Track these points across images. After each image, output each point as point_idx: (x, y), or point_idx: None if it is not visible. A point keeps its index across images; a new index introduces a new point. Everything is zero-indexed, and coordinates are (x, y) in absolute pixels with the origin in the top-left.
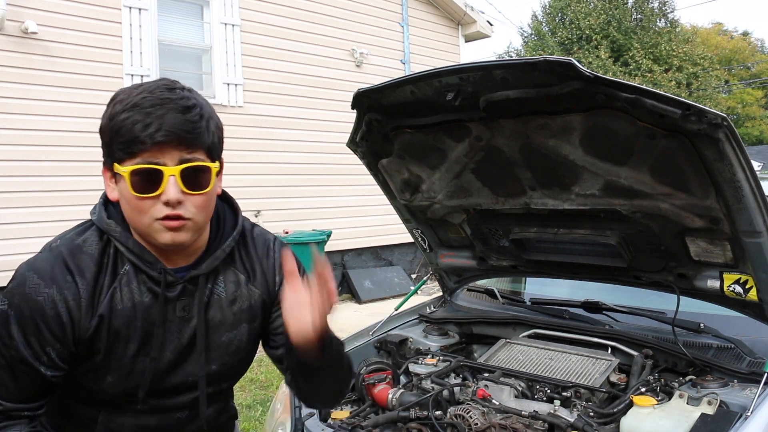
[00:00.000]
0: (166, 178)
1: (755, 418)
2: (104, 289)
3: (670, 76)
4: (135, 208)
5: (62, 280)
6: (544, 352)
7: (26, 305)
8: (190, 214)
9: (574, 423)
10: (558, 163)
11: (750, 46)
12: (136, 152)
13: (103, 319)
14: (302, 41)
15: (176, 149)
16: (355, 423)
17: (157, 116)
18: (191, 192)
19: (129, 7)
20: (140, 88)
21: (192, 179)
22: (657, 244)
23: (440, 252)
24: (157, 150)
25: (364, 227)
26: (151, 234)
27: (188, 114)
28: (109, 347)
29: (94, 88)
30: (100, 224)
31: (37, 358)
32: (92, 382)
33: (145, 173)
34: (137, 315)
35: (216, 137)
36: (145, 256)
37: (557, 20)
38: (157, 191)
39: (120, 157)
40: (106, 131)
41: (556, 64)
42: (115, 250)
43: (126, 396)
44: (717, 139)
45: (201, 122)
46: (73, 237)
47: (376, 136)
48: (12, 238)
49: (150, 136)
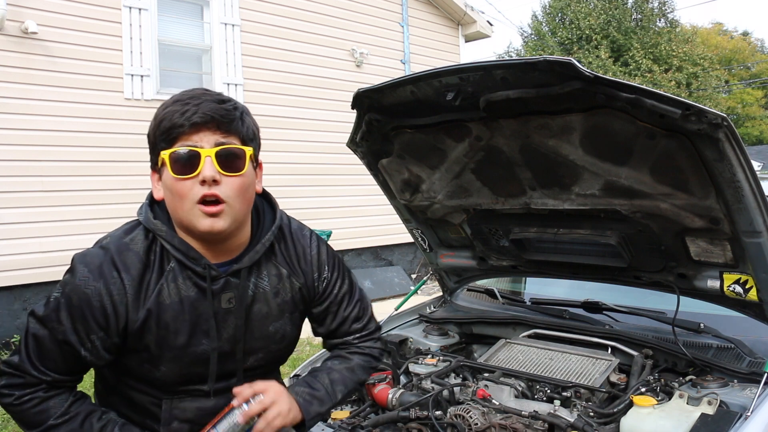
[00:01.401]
0: (203, 159)
1: (755, 418)
2: (151, 285)
3: (670, 76)
4: (176, 192)
5: (109, 276)
6: (544, 352)
7: (75, 295)
8: (226, 197)
9: (574, 423)
10: (558, 163)
11: (750, 46)
12: (175, 136)
13: (151, 313)
14: (302, 41)
15: (212, 132)
16: (355, 423)
17: (194, 104)
18: (227, 173)
19: (129, 7)
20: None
21: (227, 161)
22: (657, 244)
23: (440, 252)
24: (194, 133)
25: (364, 227)
26: (192, 221)
27: (223, 104)
28: (160, 339)
29: (94, 88)
30: (147, 224)
31: (82, 344)
32: (148, 372)
33: (183, 155)
34: (185, 308)
35: (251, 131)
36: (190, 253)
37: (557, 20)
38: (195, 172)
39: (162, 147)
40: (151, 131)
41: (556, 64)
42: (161, 248)
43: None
44: (717, 139)
45: (235, 112)
46: (121, 235)
47: (376, 136)
48: (12, 238)
49: (187, 118)
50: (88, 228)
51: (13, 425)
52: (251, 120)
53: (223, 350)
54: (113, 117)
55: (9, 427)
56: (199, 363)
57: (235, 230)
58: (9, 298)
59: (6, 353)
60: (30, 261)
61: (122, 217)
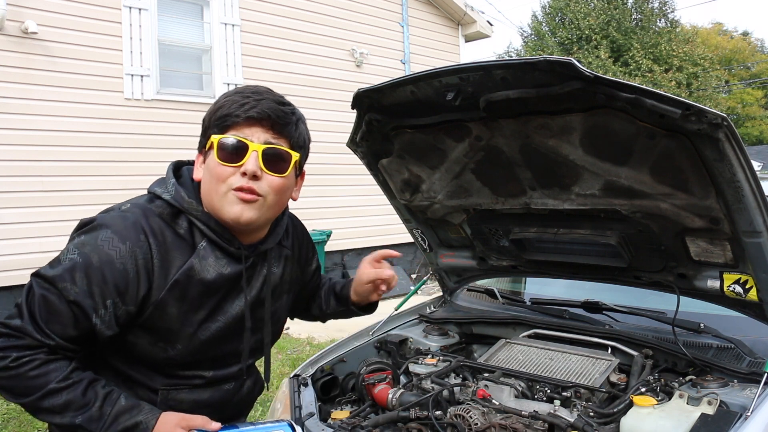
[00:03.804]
0: (250, 152)
1: (755, 418)
2: (180, 257)
3: (670, 76)
4: (216, 176)
5: (135, 238)
6: (544, 352)
7: (96, 256)
8: (263, 192)
9: (574, 423)
10: (558, 163)
11: (750, 46)
12: (228, 125)
13: (178, 284)
14: (302, 41)
15: (264, 130)
16: (355, 423)
17: (254, 99)
18: (269, 172)
19: (129, 7)
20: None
21: (272, 161)
22: (657, 244)
23: (440, 252)
24: (247, 126)
25: (364, 227)
26: (223, 205)
27: (282, 106)
28: (183, 314)
29: (94, 88)
30: (179, 201)
31: (95, 309)
32: (161, 350)
33: (232, 144)
34: (213, 285)
35: (302, 138)
36: (225, 234)
37: (557, 20)
38: (239, 162)
39: (214, 131)
40: (207, 116)
41: (556, 64)
42: (189, 224)
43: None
44: (717, 139)
45: (292, 117)
46: (145, 203)
47: (376, 136)
48: (12, 238)
49: (245, 110)
50: None
51: (13, 425)
52: (305, 129)
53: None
54: (113, 117)
55: (9, 427)
56: (209, 343)
57: (259, 227)
58: (9, 298)
59: None
60: (30, 261)
61: None
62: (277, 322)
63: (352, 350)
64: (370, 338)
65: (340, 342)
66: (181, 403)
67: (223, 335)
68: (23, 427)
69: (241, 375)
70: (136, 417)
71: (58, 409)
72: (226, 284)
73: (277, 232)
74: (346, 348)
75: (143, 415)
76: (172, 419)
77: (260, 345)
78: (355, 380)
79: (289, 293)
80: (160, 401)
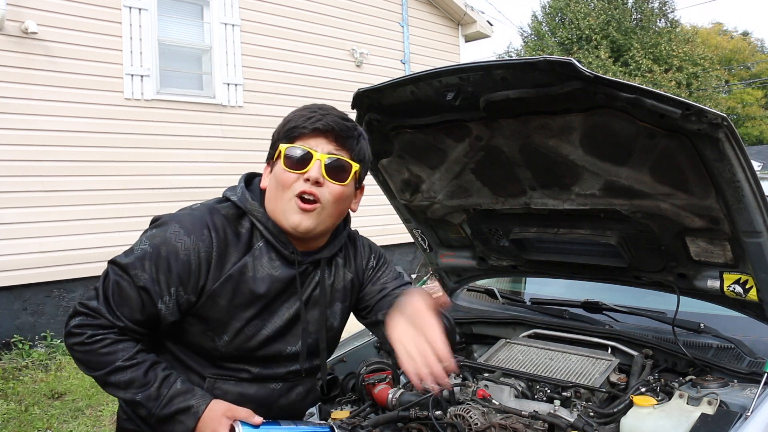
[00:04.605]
0: (314, 161)
1: (755, 418)
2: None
3: (670, 76)
4: (281, 182)
5: (199, 233)
6: (544, 352)
7: (165, 247)
8: (324, 199)
9: (574, 423)
10: (558, 163)
11: (750, 46)
12: (296, 136)
13: (231, 278)
14: (302, 41)
15: (328, 142)
16: (355, 423)
17: (321, 114)
18: (330, 180)
19: (129, 7)
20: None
21: (334, 170)
22: (657, 244)
23: (440, 252)
24: (313, 137)
25: (364, 227)
26: (285, 212)
27: (346, 122)
28: (232, 308)
29: (94, 88)
30: (243, 202)
31: (160, 295)
32: (210, 340)
33: (298, 153)
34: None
35: (363, 153)
36: (281, 237)
37: (557, 20)
38: (303, 170)
39: (282, 142)
40: (277, 130)
41: (556, 64)
42: (251, 225)
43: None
44: (717, 138)
45: (355, 131)
46: (212, 203)
47: (376, 136)
48: (12, 238)
49: (311, 123)
50: (88, 228)
51: (13, 425)
52: (366, 145)
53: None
54: (113, 117)
55: (9, 427)
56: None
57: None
58: (9, 298)
59: (6, 353)
60: (30, 261)
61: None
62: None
63: (352, 350)
64: (370, 338)
65: (341, 342)
66: (226, 394)
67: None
68: (23, 427)
69: (288, 377)
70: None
71: (122, 385)
72: (276, 286)
73: (335, 243)
74: (346, 348)
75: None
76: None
77: (314, 351)
78: (355, 380)
79: (343, 302)
80: (207, 388)
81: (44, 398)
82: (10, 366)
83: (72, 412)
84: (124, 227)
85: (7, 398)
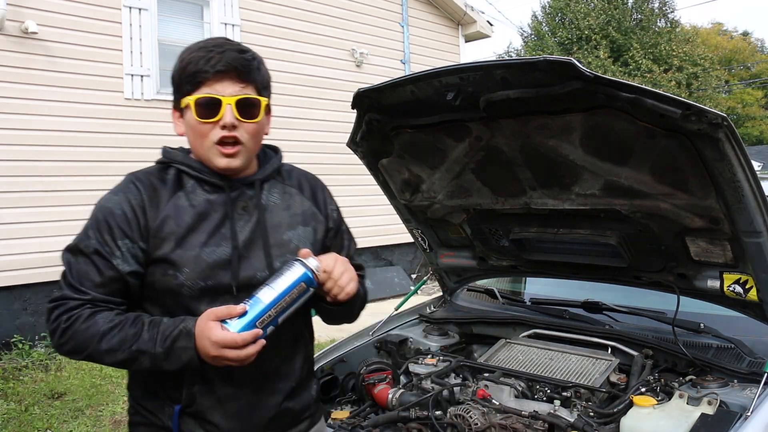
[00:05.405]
0: (224, 106)
1: (755, 418)
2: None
3: (670, 76)
4: (198, 133)
5: (126, 189)
6: (544, 352)
7: (101, 212)
8: (243, 139)
9: (574, 423)
10: (558, 163)
11: (750, 46)
12: (200, 81)
13: (169, 217)
14: (302, 41)
15: (233, 81)
16: (355, 423)
17: (217, 52)
18: (244, 120)
19: (129, 7)
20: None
21: (245, 109)
22: (657, 244)
23: (440, 252)
24: (217, 81)
25: (364, 227)
26: (210, 159)
27: (243, 53)
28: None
29: (94, 88)
30: (165, 154)
31: (112, 253)
32: (173, 278)
33: (207, 102)
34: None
35: (265, 80)
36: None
37: (557, 20)
38: (216, 117)
39: (187, 90)
40: (176, 74)
41: (556, 64)
42: (177, 171)
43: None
44: (717, 138)
45: (254, 62)
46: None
47: (376, 136)
48: (12, 238)
49: (212, 66)
50: None
51: (13, 425)
52: (266, 69)
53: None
54: (113, 117)
55: (9, 427)
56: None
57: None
58: (9, 298)
59: (6, 353)
60: (30, 261)
61: None
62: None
63: (352, 350)
64: (370, 338)
65: (340, 342)
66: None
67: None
68: (23, 427)
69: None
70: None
71: (116, 346)
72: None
73: (266, 168)
74: (346, 348)
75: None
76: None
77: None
78: (355, 380)
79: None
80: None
81: (44, 398)
82: (10, 366)
83: (72, 412)
84: None
85: (7, 398)
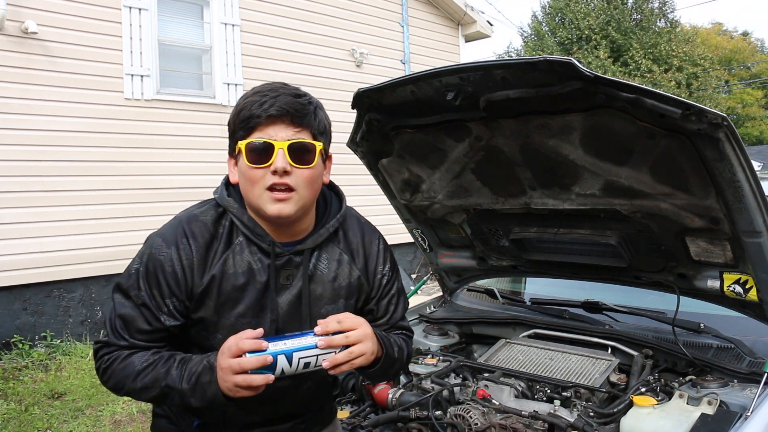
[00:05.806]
0: (276, 151)
1: (755, 418)
2: (218, 253)
3: (669, 76)
4: (249, 179)
5: (179, 243)
6: (544, 352)
7: (151, 263)
8: (295, 186)
9: (574, 423)
10: (558, 163)
11: (750, 46)
12: (253, 126)
13: (214, 278)
14: (302, 41)
15: (286, 126)
16: (355, 423)
17: (271, 97)
18: (297, 165)
19: (129, 7)
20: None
21: (298, 154)
22: (657, 244)
23: (440, 252)
24: (270, 126)
25: None
26: (261, 205)
27: (299, 98)
28: (219, 306)
29: (94, 88)
30: (221, 200)
31: (159, 308)
32: (205, 339)
33: (258, 146)
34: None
35: (322, 125)
36: (256, 230)
37: (557, 20)
38: (268, 162)
39: (240, 135)
40: (231, 120)
41: (556, 64)
42: (230, 223)
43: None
44: (717, 138)
45: (309, 107)
46: (194, 209)
47: (376, 136)
48: (12, 238)
49: (264, 110)
50: (88, 228)
51: (13, 425)
52: (324, 115)
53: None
54: (113, 117)
55: (9, 427)
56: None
57: (301, 216)
58: (9, 298)
59: (6, 353)
60: (30, 261)
61: (122, 217)
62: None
63: None
64: None
65: None
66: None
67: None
68: (23, 427)
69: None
70: (203, 361)
71: (149, 383)
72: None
73: (321, 233)
74: None
75: (208, 358)
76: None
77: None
78: (355, 380)
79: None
80: None
81: (44, 398)
82: (10, 366)
83: (72, 412)
84: (124, 227)
85: (7, 398)
